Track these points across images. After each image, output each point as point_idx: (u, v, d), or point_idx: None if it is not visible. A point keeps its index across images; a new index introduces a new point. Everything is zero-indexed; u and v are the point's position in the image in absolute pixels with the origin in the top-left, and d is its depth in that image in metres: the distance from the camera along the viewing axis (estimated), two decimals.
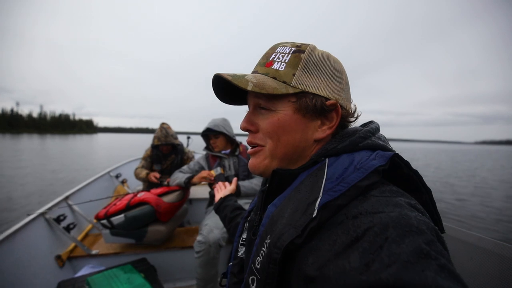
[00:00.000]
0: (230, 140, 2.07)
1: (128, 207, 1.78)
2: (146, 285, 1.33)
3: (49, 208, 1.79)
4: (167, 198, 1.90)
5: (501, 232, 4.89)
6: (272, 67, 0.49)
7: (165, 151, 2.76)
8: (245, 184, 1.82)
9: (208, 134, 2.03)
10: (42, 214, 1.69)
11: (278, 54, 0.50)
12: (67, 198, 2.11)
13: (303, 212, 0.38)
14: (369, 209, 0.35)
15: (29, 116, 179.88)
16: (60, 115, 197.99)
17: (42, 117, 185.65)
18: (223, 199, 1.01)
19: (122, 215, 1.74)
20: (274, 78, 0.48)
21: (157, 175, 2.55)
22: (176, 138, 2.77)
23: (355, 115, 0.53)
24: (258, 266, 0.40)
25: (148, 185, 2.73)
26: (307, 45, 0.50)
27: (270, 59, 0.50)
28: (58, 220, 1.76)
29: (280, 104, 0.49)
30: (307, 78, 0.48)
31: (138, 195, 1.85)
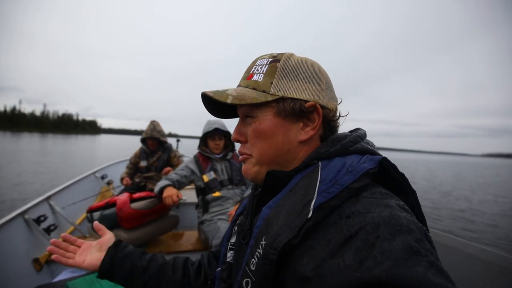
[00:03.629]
0: (225, 145, 2.04)
1: (106, 206, 1.77)
2: None
3: (29, 208, 1.70)
4: (136, 204, 1.75)
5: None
6: (252, 79, 0.53)
7: (152, 148, 2.82)
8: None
9: (213, 134, 1.96)
10: (21, 214, 1.61)
11: (257, 66, 0.53)
12: (49, 198, 2.02)
13: (299, 213, 0.39)
14: (362, 209, 0.36)
15: (31, 114, 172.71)
16: (63, 115, 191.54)
17: (44, 116, 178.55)
18: (114, 250, 0.66)
19: (99, 212, 1.75)
20: (254, 88, 0.51)
21: (129, 181, 2.77)
22: (164, 136, 2.82)
23: (337, 114, 0.54)
24: (253, 268, 0.40)
25: (133, 186, 2.72)
26: (283, 54, 0.53)
27: (251, 72, 0.54)
28: (38, 221, 1.68)
29: (262, 112, 0.51)
30: (285, 84, 0.50)
31: (118, 196, 1.83)
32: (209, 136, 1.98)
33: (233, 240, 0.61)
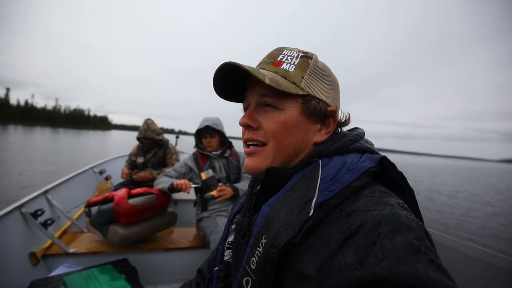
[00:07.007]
0: (222, 142, 2.04)
1: (104, 200, 1.77)
2: (127, 287, 1.28)
3: (26, 202, 1.69)
4: (133, 200, 1.74)
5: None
6: (282, 67, 0.50)
7: (147, 145, 2.89)
8: (242, 187, 1.83)
9: (204, 132, 1.97)
10: (18, 207, 1.59)
11: (286, 56, 0.52)
12: (46, 192, 2.00)
13: (300, 212, 0.39)
14: (362, 207, 0.36)
15: (43, 109, 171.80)
16: (75, 110, 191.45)
17: (56, 111, 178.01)
18: None
19: (97, 207, 1.75)
20: (284, 77, 0.49)
21: (127, 171, 2.85)
22: (159, 134, 2.86)
23: (348, 123, 0.56)
24: (253, 267, 0.40)
25: (130, 181, 2.72)
26: (312, 53, 0.53)
27: (278, 59, 0.52)
28: (35, 215, 1.67)
29: (288, 104, 0.50)
30: (314, 83, 0.50)
31: (117, 191, 1.82)
32: (202, 134, 2.00)
33: (230, 239, 0.60)
